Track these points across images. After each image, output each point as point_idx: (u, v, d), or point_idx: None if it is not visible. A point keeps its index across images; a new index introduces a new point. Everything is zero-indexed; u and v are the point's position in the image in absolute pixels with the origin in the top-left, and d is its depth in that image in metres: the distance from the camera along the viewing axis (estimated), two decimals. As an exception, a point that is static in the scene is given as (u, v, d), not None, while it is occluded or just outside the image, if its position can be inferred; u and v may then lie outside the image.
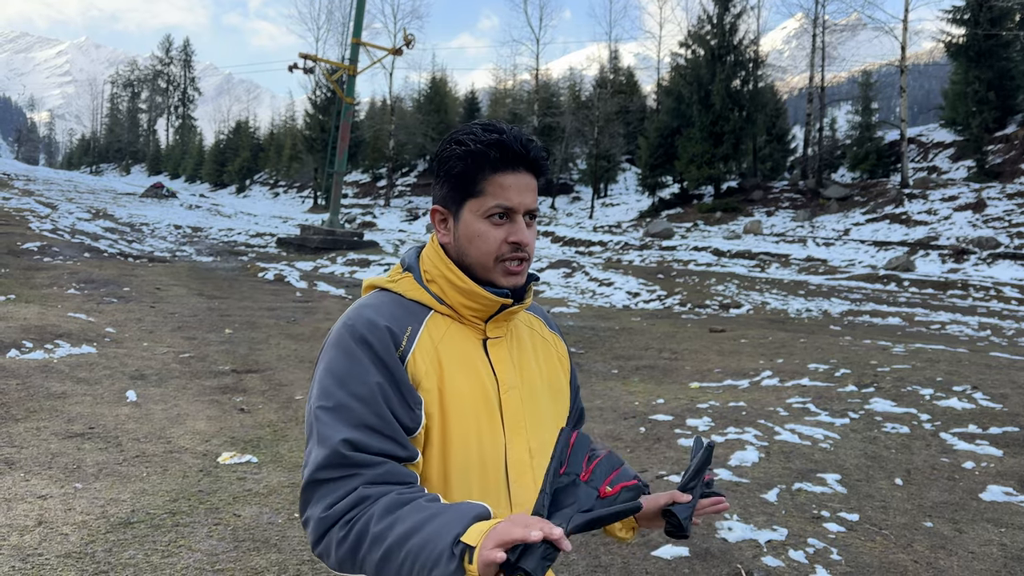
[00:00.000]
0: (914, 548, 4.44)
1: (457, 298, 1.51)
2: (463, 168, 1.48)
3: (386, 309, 1.48)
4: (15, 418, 6.26)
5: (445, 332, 1.50)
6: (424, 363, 1.44)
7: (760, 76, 44.01)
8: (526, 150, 1.47)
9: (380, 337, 1.42)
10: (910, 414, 7.02)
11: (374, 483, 1.31)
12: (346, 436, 1.32)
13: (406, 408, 1.39)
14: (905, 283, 22.65)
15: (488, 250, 1.48)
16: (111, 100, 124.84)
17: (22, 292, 13.14)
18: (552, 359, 1.69)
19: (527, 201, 1.49)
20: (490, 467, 1.46)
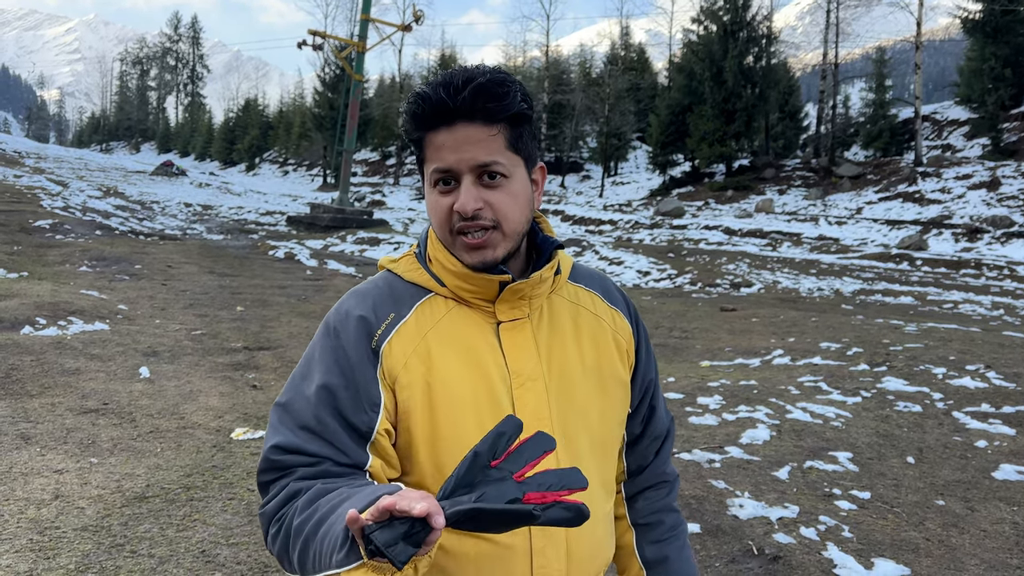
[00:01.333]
0: (926, 526, 4.44)
1: (453, 280, 1.29)
2: (407, 132, 1.29)
3: (372, 294, 1.32)
4: (30, 394, 6.31)
5: (443, 317, 1.29)
6: (403, 354, 1.25)
7: (773, 53, 43.60)
8: (451, 97, 1.18)
9: (350, 329, 1.27)
10: (922, 393, 7.00)
11: (308, 478, 1.18)
12: (278, 441, 1.21)
13: (359, 411, 1.22)
14: (918, 262, 22.51)
15: (440, 222, 1.25)
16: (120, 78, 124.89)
17: (35, 269, 13.21)
18: (606, 340, 1.39)
19: (469, 156, 1.19)
20: None
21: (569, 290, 1.41)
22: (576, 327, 1.37)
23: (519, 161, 1.26)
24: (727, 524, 4.30)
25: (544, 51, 58.22)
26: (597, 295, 1.44)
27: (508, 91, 1.21)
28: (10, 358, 7.14)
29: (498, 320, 1.30)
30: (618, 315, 1.44)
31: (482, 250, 1.24)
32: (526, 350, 1.29)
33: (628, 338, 1.43)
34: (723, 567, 3.86)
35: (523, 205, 1.27)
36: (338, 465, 1.20)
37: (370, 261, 21.74)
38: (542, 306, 1.35)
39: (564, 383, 1.31)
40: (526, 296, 1.31)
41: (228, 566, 3.63)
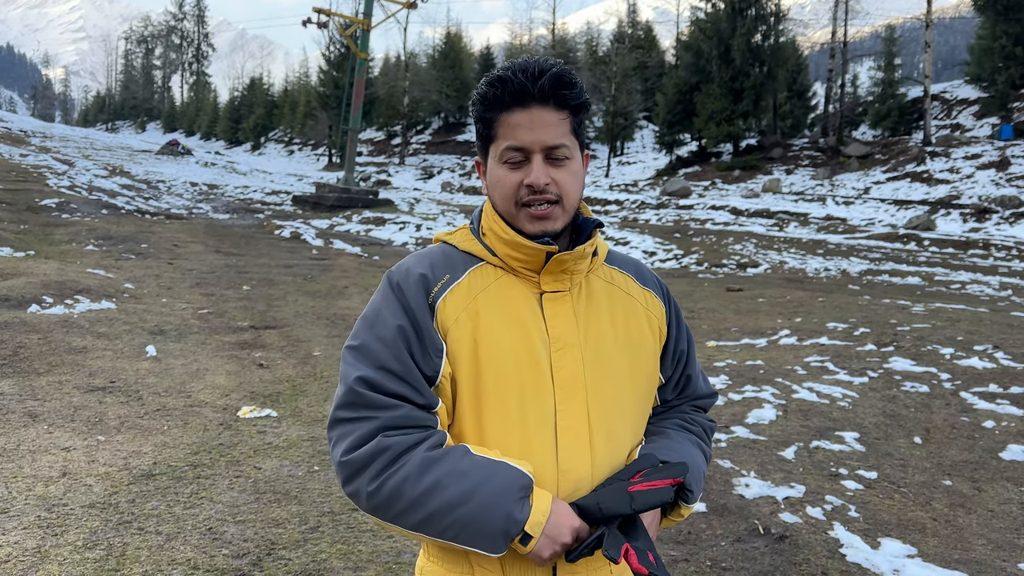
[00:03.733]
0: (933, 506, 4.43)
1: (504, 249, 1.43)
2: (479, 112, 1.42)
3: (430, 258, 1.46)
4: (38, 372, 6.33)
5: (493, 283, 1.43)
6: (455, 310, 1.39)
7: (781, 31, 43.13)
8: (531, 82, 1.35)
9: (411, 283, 1.40)
10: (930, 373, 6.97)
11: (392, 427, 1.31)
12: (362, 374, 1.33)
13: (425, 355, 1.36)
14: (925, 242, 22.39)
15: (506, 195, 1.40)
16: (125, 56, 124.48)
17: (41, 248, 13.23)
18: (638, 317, 1.53)
19: (543, 138, 1.36)
20: (534, 427, 1.37)
21: (605, 272, 1.55)
22: (611, 304, 1.51)
23: (578, 145, 1.43)
24: (733, 503, 4.30)
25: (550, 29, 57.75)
26: (631, 277, 1.58)
27: (577, 82, 1.39)
28: (17, 336, 7.16)
29: (542, 290, 1.44)
30: (650, 295, 1.58)
31: (544, 220, 1.38)
32: (566, 319, 1.43)
33: (660, 315, 1.57)
34: (729, 546, 3.86)
35: (580, 185, 1.44)
36: (415, 408, 1.34)
37: (375, 241, 21.73)
38: (581, 283, 1.49)
39: (598, 352, 1.44)
40: (568, 270, 1.44)
41: (235, 543, 3.64)
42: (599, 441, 1.41)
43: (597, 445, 1.40)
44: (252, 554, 3.56)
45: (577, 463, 1.38)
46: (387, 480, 1.28)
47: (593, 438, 1.40)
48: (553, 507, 1.28)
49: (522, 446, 1.36)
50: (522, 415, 1.37)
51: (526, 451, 1.36)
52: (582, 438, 1.39)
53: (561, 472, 1.37)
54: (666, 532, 3.99)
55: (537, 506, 1.27)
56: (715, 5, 43.77)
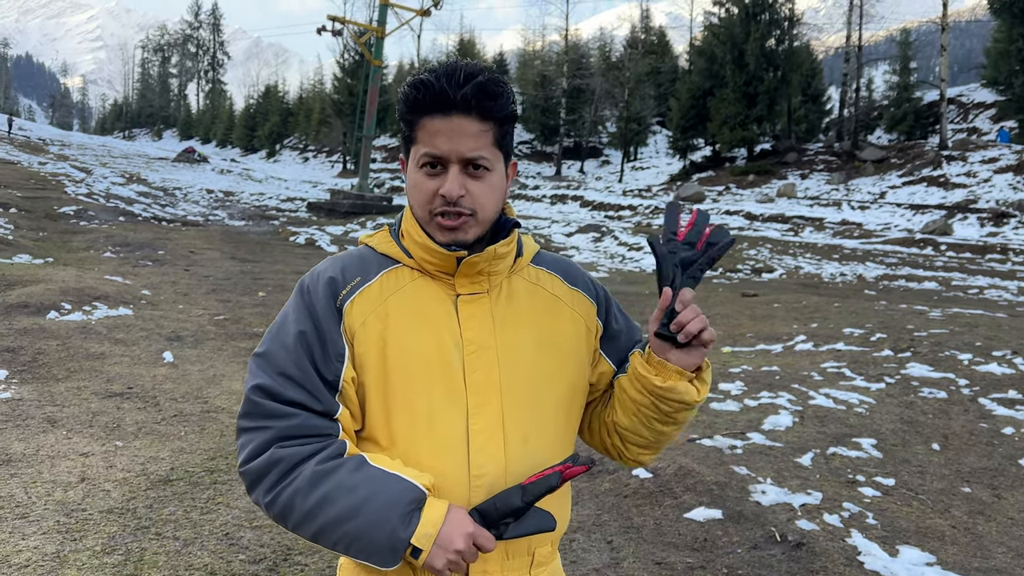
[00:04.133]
0: (952, 513, 4.39)
1: (418, 252, 1.40)
2: (400, 112, 1.38)
3: (344, 261, 1.43)
4: (56, 378, 6.38)
5: (407, 285, 1.40)
6: (363, 313, 1.36)
7: (796, 35, 43.05)
8: (454, 89, 1.29)
9: (320, 287, 1.38)
10: (948, 379, 6.91)
11: (287, 437, 1.29)
12: (258, 383, 1.32)
13: (326, 360, 1.33)
14: (942, 247, 22.23)
15: (421, 202, 1.36)
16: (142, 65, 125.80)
17: (60, 255, 13.36)
18: (561, 318, 1.49)
19: (461, 148, 1.31)
20: (444, 431, 1.34)
21: (530, 272, 1.51)
22: (532, 305, 1.47)
23: (501, 157, 1.39)
24: (749, 510, 4.28)
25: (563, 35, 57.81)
26: (558, 277, 1.53)
27: (503, 92, 1.34)
28: (36, 342, 7.23)
29: (457, 293, 1.41)
30: (578, 295, 1.53)
31: (455, 231, 1.35)
32: (481, 321, 1.40)
33: (588, 314, 1.53)
34: (745, 553, 3.84)
35: (499, 197, 1.40)
36: (313, 415, 1.31)
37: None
38: (502, 284, 1.45)
39: (515, 354, 1.41)
40: (484, 271, 1.41)
41: (252, 548, 3.66)
42: (514, 445, 1.38)
43: (511, 449, 1.37)
44: (268, 559, 3.57)
45: (490, 467, 1.35)
46: (280, 493, 1.27)
47: (507, 442, 1.37)
48: (448, 517, 1.26)
49: (432, 450, 1.34)
50: (431, 419, 1.34)
51: (436, 455, 1.34)
52: (495, 442, 1.36)
53: (473, 476, 1.34)
54: (682, 539, 3.98)
55: (427, 518, 1.25)
56: (728, 10, 43.73)
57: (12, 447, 4.78)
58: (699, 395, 1.40)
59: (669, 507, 4.34)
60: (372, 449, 1.37)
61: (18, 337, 7.33)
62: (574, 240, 24.65)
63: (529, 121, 59.74)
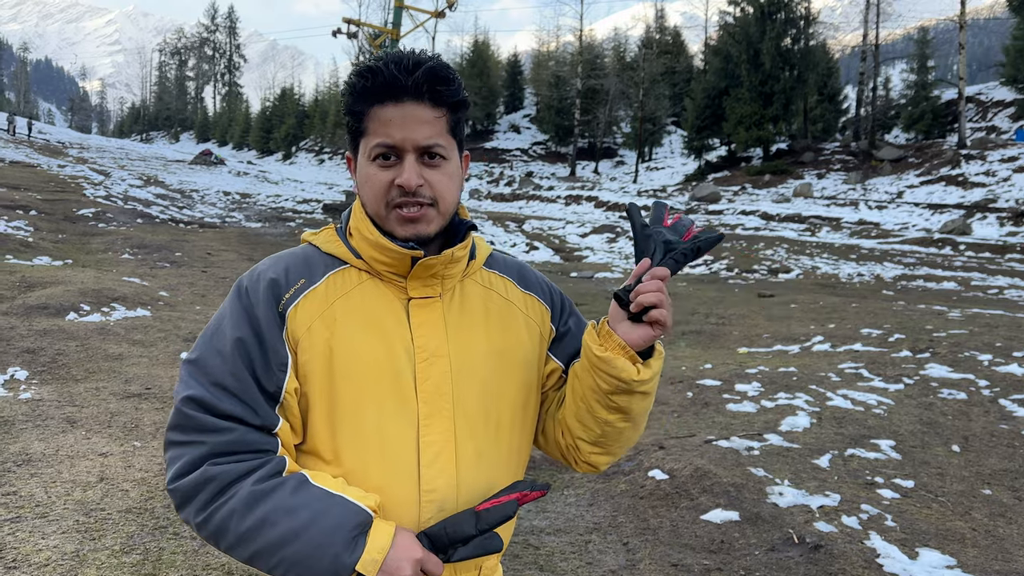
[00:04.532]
0: (972, 516, 4.35)
1: (369, 251, 1.31)
2: (348, 104, 1.31)
3: (286, 261, 1.34)
4: (75, 378, 6.44)
5: (355, 288, 1.31)
6: (307, 318, 1.27)
7: (812, 34, 42.83)
8: (404, 75, 1.24)
9: (260, 289, 1.28)
10: (967, 380, 6.84)
11: (221, 453, 1.20)
12: (190, 393, 1.22)
13: (267, 369, 1.24)
14: (961, 247, 22.03)
15: (376, 195, 1.28)
16: (159, 68, 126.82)
17: (79, 257, 13.48)
18: (515, 324, 1.42)
19: (416, 136, 1.25)
20: (393, 445, 1.27)
21: (483, 276, 1.45)
22: (486, 310, 1.41)
23: (455, 145, 1.34)
24: (767, 512, 4.25)
25: (578, 36, 57.78)
26: (511, 281, 1.48)
27: (455, 78, 1.29)
28: (56, 343, 7.30)
29: (409, 296, 1.33)
30: (531, 298, 1.48)
31: (416, 223, 1.29)
32: (434, 327, 1.33)
33: (541, 319, 1.47)
34: (763, 555, 3.81)
35: (457, 186, 1.35)
36: (251, 429, 1.22)
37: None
38: (454, 288, 1.39)
39: (468, 362, 1.34)
40: (438, 275, 1.34)
41: (268, 549, 3.67)
42: (466, 459, 1.31)
43: (463, 464, 1.31)
44: (285, 560, 3.59)
45: (440, 483, 1.28)
46: (213, 513, 1.18)
47: (459, 456, 1.30)
48: (394, 541, 1.19)
49: (380, 465, 1.26)
50: (380, 431, 1.27)
51: (384, 470, 1.26)
52: (446, 456, 1.29)
53: (423, 492, 1.27)
54: (699, 541, 3.96)
55: (373, 543, 1.17)
56: (744, 9, 43.56)
57: (32, 447, 4.82)
58: (637, 375, 1.30)
59: (685, 509, 4.32)
60: (314, 464, 1.29)
61: (38, 338, 7.40)
62: (588, 241, 24.62)
63: (543, 122, 59.75)
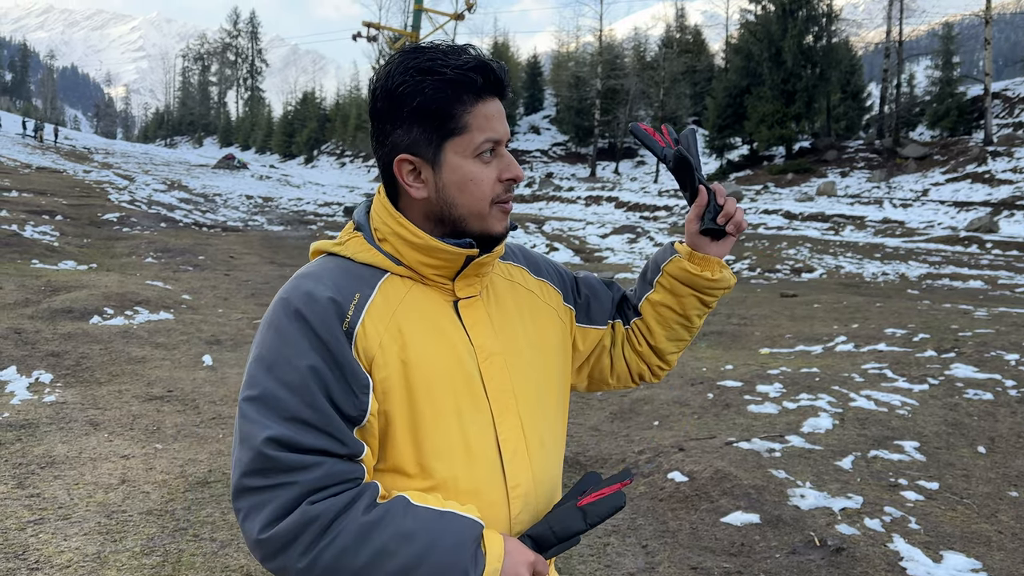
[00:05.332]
0: (998, 518, 4.27)
1: (414, 256, 1.27)
2: (442, 102, 1.22)
3: (329, 276, 1.25)
4: (99, 381, 6.52)
5: (406, 295, 1.27)
6: (377, 333, 1.21)
7: (834, 31, 42.40)
8: (504, 72, 1.28)
9: (319, 310, 1.19)
10: (994, 380, 6.73)
11: (315, 491, 1.13)
12: (271, 434, 1.13)
13: (348, 394, 1.17)
14: (988, 245, 21.70)
15: (483, 194, 1.26)
16: (183, 74, 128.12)
17: (103, 261, 13.65)
18: (542, 313, 1.46)
19: (507, 130, 1.30)
20: (477, 448, 1.27)
21: (502, 268, 1.46)
22: (517, 304, 1.43)
23: None
24: (788, 515, 4.20)
25: (597, 36, 57.65)
26: (525, 269, 1.51)
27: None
28: (80, 347, 7.39)
29: (456, 297, 1.32)
30: (544, 284, 1.51)
31: (508, 214, 1.32)
32: (484, 326, 1.33)
33: (557, 303, 1.52)
34: (784, 558, 3.77)
35: None
36: (338, 460, 1.16)
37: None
38: (487, 285, 1.40)
39: (517, 356, 1.36)
40: (480, 273, 1.34)
41: (287, 551, 3.69)
42: (535, 450, 1.34)
43: (534, 454, 1.34)
44: (303, 562, 3.59)
45: (522, 477, 1.30)
46: (321, 553, 1.11)
47: (530, 447, 1.33)
48: (507, 548, 1.20)
49: (469, 470, 1.26)
50: (464, 437, 1.26)
51: (474, 475, 1.26)
52: (521, 450, 1.31)
53: (510, 489, 1.29)
54: (719, 544, 3.93)
55: (491, 553, 1.17)
56: (765, 7, 43.23)
57: (56, 449, 4.88)
58: (734, 278, 1.56)
59: (705, 511, 4.28)
60: (395, 481, 1.24)
61: (63, 341, 7.50)
62: (609, 241, 24.54)
63: (563, 123, 59.67)
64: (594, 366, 1.61)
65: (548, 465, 1.37)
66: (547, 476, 1.35)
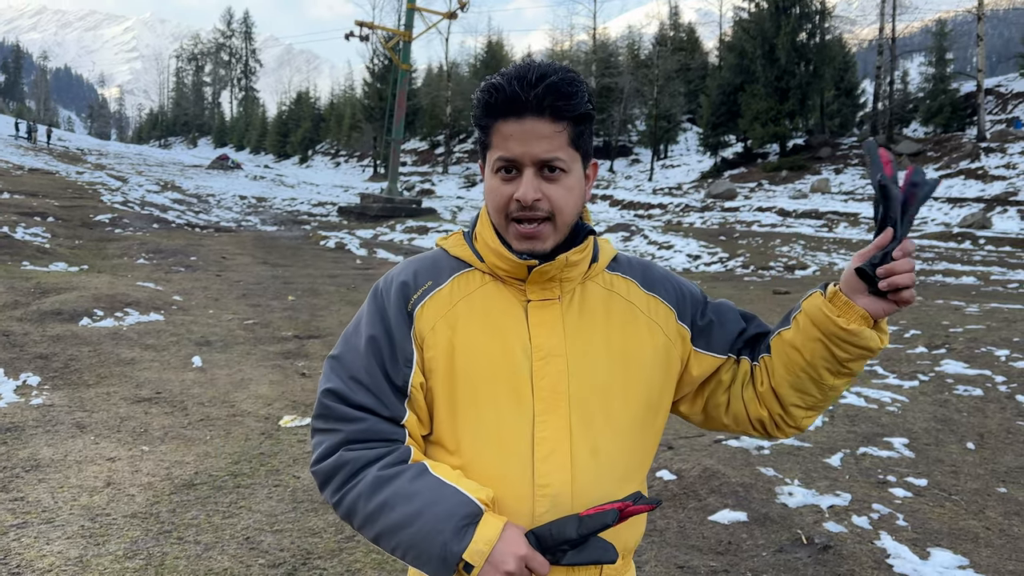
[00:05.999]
0: (986, 514, 4.27)
1: (490, 257, 1.38)
2: (475, 117, 1.36)
3: (417, 264, 1.44)
4: (87, 383, 6.48)
5: (478, 289, 1.39)
6: (433, 317, 1.36)
7: (827, 28, 42.42)
8: (525, 91, 1.26)
9: (392, 290, 1.40)
10: (984, 376, 6.74)
11: (355, 440, 1.32)
12: (330, 386, 1.35)
13: (395, 365, 1.35)
14: (981, 241, 21.75)
15: (498, 207, 1.34)
16: (177, 74, 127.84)
17: (95, 263, 13.60)
18: (637, 326, 1.43)
19: (535, 151, 1.28)
20: (509, 439, 1.32)
21: (606, 278, 1.47)
22: (607, 312, 1.42)
23: (578, 157, 1.35)
24: (775, 513, 4.19)
25: (591, 34, 57.64)
26: (634, 283, 1.49)
27: (577, 91, 1.29)
28: (69, 349, 7.35)
29: (528, 299, 1.38)
30: (654, 300, 1.48)
31: (532, 240, 1.33)
32: (552, 328, 1.36)
33: (666, 321, 1.47)
34: (770, 557, 3.76)
35: (577, 199, 1.37)
36: (381, 420, 1.33)
37: (418, 249, 21.87)
38: (575, 290, 1.41)
39: (586, 363, 1.37)
40: (556, 278, 1.38)
41: (271, 553, 3.67)
42: (582, 456, 1.33)
43: (579, 460, 1.33)
44: (288, 564, 3.58)
45: (554, 478, 1.31)
46: (345, 495, 1.30)
47: (575, 453, 1.32)
48: (503, 535, 1.23)
49: (498, 459, 1.32)
50: (498, 426, 1.32)
51: (501, 463, 1.32)
52: (561, 452, 1.32)
53: (537, 487, 1.30)
54: (705, 543, 3.92)
55: (482, 534, 1.22)
56: (758, 4, 43.26)
57: (41, 452, 4.85)
58: (881, 344, 1.36)
59: (693, 510, 4.27)
60: (439, 454, 1.37)
61: (51, 344, 7.46)
62: (604, 240, 24.55)
63: (558, 121, 59.56)
64: (709, 399, 1.55)
65: (599, 475, 1.34)
66: (593, 484, 1.33)
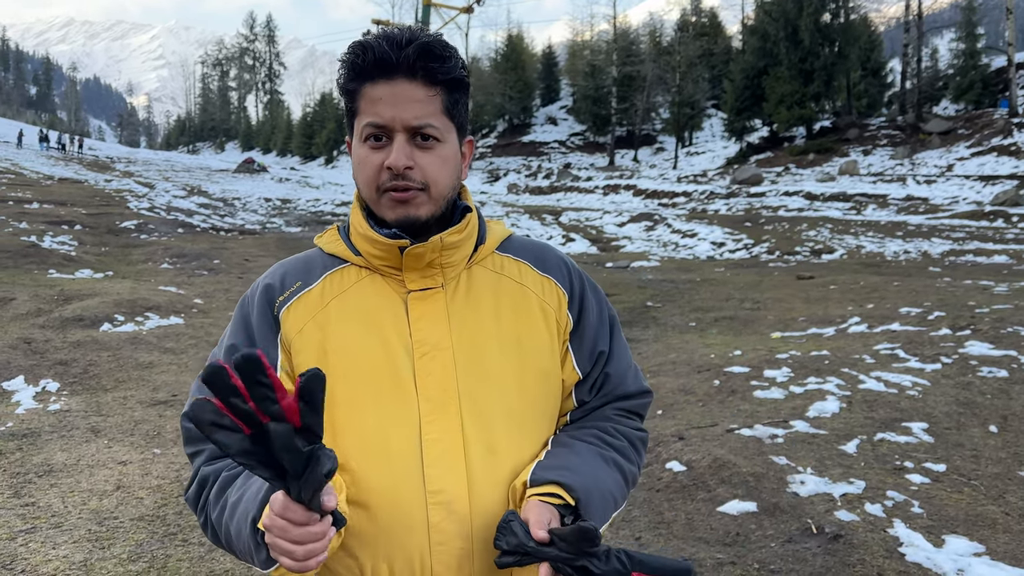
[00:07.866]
0: (1006, 499, 4.14)
1: (363, 246, 1.28)
2: (341, 82, 1.25)
3: (288, 266, 1.35)
4: (105, 388, 6.55)
5: (353, 286, 1.28)
6: (301, 319, 1.26)
7: (852, 8, 41.74)
8: (395, 51, 1.17)
9: (256, 295, 1.32)
10: (1009, 357, 6.56)
11: (217, 458, 1.24)
12: (186, 409, 1.22)
13: None
14: (1014, 219, 21.25)
15: (368, 179, 1.22)
16: (202, 80, 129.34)
17: (119, 268, 13.77)
18: (530, 309, 1.32)
19: (406, 116, 1.18)
20: (395, 445, 1.21)
21: (496, 260, 1.36)
22: (496, 297, 1.32)
23: (452, 127, 1.26)
24: (786, 502, 4.11)
25: (612, 23, 57.24)
26: (527, 264, 1.37)
27: (451, 55, 1.22)
28: (89, 354, 7.44)
29: (408, 289, 1.28)
30: (548, 282, 1.36)
31: (406, 205, 1.22)
32: (435, 320, 1.26)
33: (557, 305, 1.35)
34: (779, 547, 3.68)
35: (452, 171, 1.27)
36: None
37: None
38: (460, 277, 1.31)
39: (477, 354, 1.27)
40: (436, 264, 1.27)
41: (274, 553, 3.66)
42: (477, 456, 1.22)
43: (475, 461, 1.22)
44: (289, 564, 3.57)
45: (447, 483, 1.20)
46: (204, 508, 1.23)
47: (469, 453, 1.22)
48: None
49: (385, 467, 1.21)
50: (382, 432, 1.21)
51: (389, 473, 1.20)
52: (453, 454, 1.21)
53: (429, 493, 1.20)
54: (713, 534, 3.85)
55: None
56: (780, -14, 42.64)
57: (55, 457, 4.91)
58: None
59: (702, 501, 4.20)
60: None
61: (72, 350, 7.56)
62: (626, 230, 24.37)
63: (580, 112, 59.37)
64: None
65: (498, 476, 1.23)
66: (492, 484, 1.23)
